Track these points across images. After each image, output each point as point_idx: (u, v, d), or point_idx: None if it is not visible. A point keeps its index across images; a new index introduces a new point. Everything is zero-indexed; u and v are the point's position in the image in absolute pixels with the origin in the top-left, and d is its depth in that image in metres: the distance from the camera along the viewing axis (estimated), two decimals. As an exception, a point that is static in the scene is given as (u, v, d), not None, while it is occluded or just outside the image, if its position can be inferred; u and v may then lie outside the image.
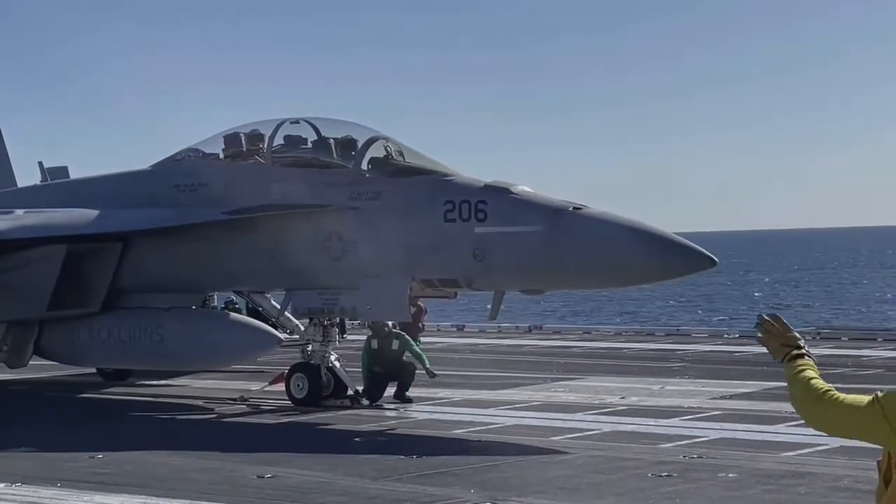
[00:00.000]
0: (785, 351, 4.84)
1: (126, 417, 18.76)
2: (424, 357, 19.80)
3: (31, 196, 23.15)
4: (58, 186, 23.53)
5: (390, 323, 19.77)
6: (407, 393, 19.31)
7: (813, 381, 4.72)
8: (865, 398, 4.62)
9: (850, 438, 4.75)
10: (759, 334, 4.93)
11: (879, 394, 4.62)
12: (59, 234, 20.33)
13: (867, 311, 63.52)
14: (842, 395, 4.66)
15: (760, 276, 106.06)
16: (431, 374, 19.50)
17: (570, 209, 16.88)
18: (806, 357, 4.82)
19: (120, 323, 20.38)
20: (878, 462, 4.69)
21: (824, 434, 4.90)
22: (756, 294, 69.64)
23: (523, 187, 17.58)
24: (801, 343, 4.87)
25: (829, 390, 4.68)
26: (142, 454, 14.65)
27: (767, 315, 4.95)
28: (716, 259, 16.67)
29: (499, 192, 17.42)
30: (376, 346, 19.55)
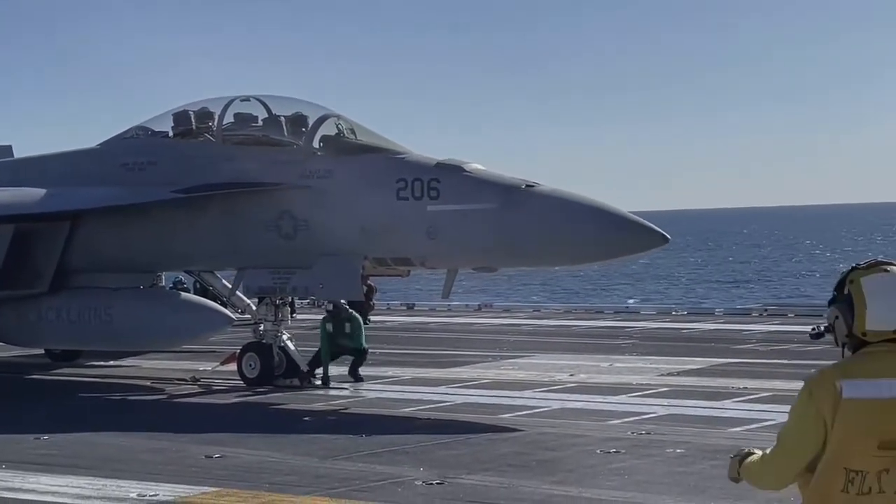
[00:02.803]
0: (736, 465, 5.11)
1: (74, 398, 18.61)
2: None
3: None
4: (3, 165, 23.19)
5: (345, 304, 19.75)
6: (360, 371, 19.30)
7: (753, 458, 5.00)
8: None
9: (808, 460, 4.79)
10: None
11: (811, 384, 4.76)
12: (6, 213, 20.04)
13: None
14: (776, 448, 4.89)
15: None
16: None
17: (523, 187, 16.88)
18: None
19: (69, 303, 20.15)
20: None
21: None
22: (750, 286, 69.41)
23: (476, 165, 17.56)
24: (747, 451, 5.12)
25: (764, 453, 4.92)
26: (89, 435, 14.56)
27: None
28: (668, 236, 16.72)
29: (451, 170, 17.39)
30: (331, 330, 19.47)
